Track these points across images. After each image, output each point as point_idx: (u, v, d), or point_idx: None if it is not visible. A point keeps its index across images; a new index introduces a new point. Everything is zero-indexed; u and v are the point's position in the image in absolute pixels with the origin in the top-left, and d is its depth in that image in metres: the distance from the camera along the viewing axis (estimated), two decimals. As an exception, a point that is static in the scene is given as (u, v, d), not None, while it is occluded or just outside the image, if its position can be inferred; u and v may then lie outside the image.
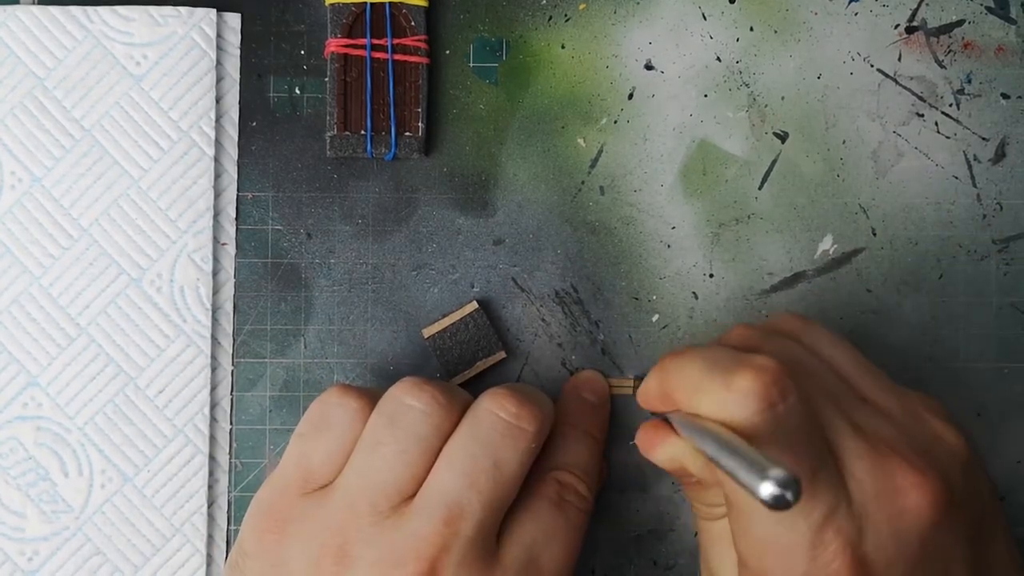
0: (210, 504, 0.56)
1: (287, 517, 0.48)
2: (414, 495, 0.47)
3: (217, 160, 0.56)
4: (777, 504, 0.37)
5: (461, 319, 0.56)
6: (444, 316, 0.56)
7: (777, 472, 0.37)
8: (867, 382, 0.49)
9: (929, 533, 0.44)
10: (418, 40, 0.56)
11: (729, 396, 0.43)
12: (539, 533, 0.49)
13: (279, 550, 0.48)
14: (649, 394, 0.49)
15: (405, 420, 0.48)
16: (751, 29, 0.57)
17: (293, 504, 0.48)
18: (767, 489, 0.37)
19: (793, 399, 0.43)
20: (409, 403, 0.48)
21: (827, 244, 0.57)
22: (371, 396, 0.50)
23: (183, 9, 0.55)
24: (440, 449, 0.48)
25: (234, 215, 0.56)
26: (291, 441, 0.50)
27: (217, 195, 0.56)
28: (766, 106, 0.57)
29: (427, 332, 0.56)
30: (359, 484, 0.47)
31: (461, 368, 0.56)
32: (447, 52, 0.57)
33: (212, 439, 0.56)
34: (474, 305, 0.56)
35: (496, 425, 0.48)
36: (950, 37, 0.57)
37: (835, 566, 0.43)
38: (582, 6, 0.57)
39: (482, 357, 0.56)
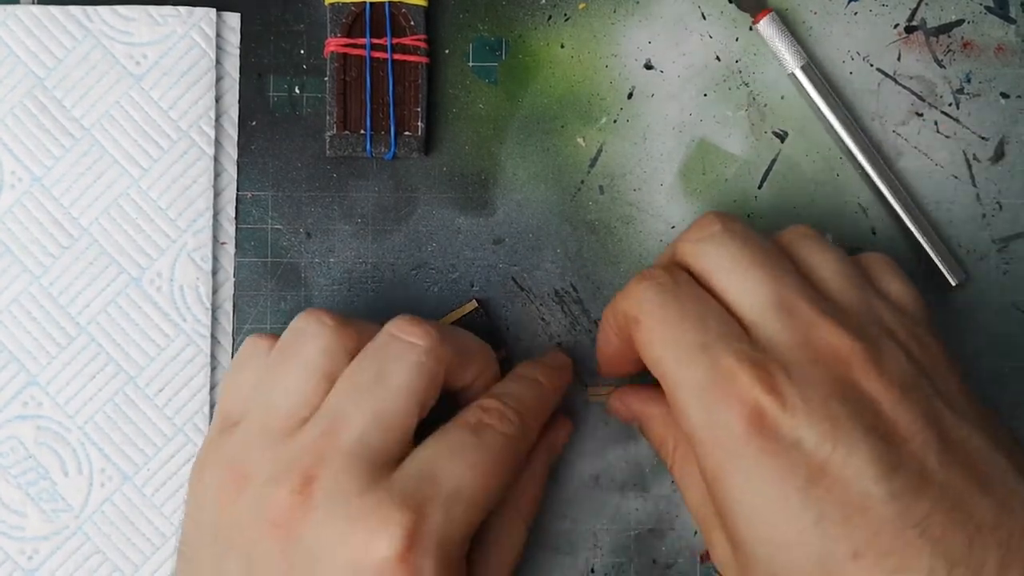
0: (210, 503, 0.56)
1: (202, 460, 0.49)
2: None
3: (217, 159, 0.56)
4: None
5: (460, 318, 0.56)
6: (444, 315, 0.56)
7: None
8: (828, 270, 0.48)
9: (848, 381, 0.43)
10: (417, 40, 0.56)
11: (629, 291, 0.48)
12: (442, 451, 0.47)
13: (197, 492, 0.48)
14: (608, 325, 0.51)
15: (296, 344, 0.49)
16: (750, 28, 0.57)
17: (209, 447, 0.49)
18: None
19: (682, 277, 0.47)
20: (299, 327, 0.49)
21: (827, 243, 0.57)
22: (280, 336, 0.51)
23: (183, 9, 0.55)
24: (337, 374, 0.48)
25: (234, 214, 0.56)
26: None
27: (217, 194, 0.56)
28: (765, 105, 0.57)
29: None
30: (257, 412, 0.48)
31: None
32: (446, 52, 0.57)
33: (212, 438, 0.56)
34: (473, 304, 0.56)
35: (385, 340, 0.48)
36: (949, 37, 0.57)
37: (743, 385, 0.43)
38: (582, 5, 0.57)
39: None
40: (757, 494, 0.43)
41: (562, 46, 0.57)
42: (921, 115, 0.57)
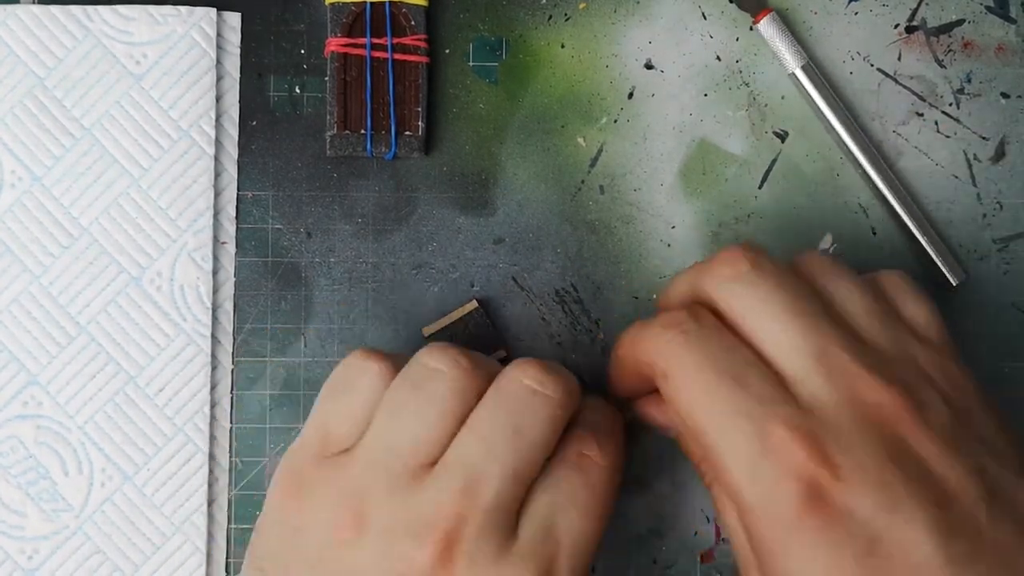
0: (210, 503, 0.56)
1: (305, 482, 0.47)
2: (435, 463, 0.46)
3: (217, 159, 0.56)
4: None
5: (460, 318, 0.56)
6: (444, 315, 0.56)
7: None
8: (859, 309, 0.47)
9: (895, 439, 0.43)
10: (418, 39, 0.56)
11: (651, 338, 0.47)
12: (558, 501, 0.46)
13: (298, 515, 0.47)
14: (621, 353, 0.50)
15: (426, 383, 0.47)
16: (751, 28, 0.57)
17: (312, 469, 0.47)
18: None
19: (708, 321, 0.46)
20: (432, 366, 0.47)
21: (826, 243, 0.57)
22: (394, 360, 0.49)
23: (183, 8, 0.55)
24: (464, 416, 0.47)
25: (234, 214, 0.56)
26: (314, 406, 0.49)
27: (217, 194, 0.56)
28: (766, 105, 0.57)
29: (427, 331, 0.56)
30: (378, 448, 0.46)
31: None
32: (447, 51, 0.57)
33: (212, 438, 0.56)
34: (474, 304, 0.56)
35: (520, 392, 0.47)
36: (950, 36, 0.57)
37: (794, 458, 0.42)
38: (582, 5, 0.57)
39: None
40: (813, 566, 0.42)
41: (562, 46, 0.57)
42: (921, 115, 0.57)
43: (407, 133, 0.55)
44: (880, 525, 0.41)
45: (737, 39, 0.57)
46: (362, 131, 0.55)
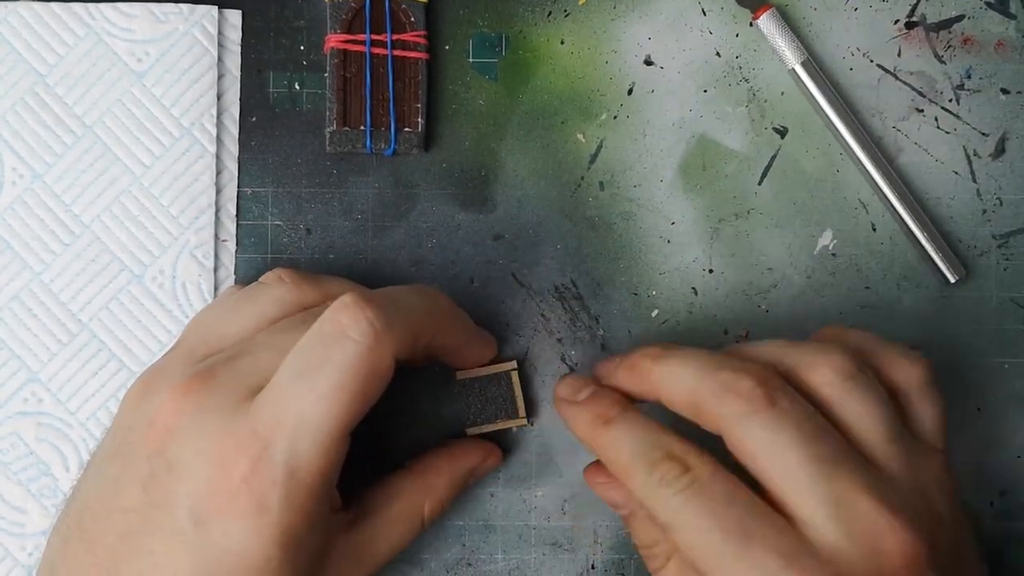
0: (210, 499, 0.56)
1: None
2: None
3: (218, 156, 0.56)
4: None
5: (495, 374, 0.55)
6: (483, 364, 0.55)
7: None
8: (875, 434, 0.47)
9: None
10: (417, 36, 0.56)
11: (647, 488, 0.46)
12: (290, 375, 0.45)
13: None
14: (574, 433, 0.51)
15: (253, 293, 0.51)
16: (750, 24, 0.57)
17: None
18: None
19: (705, 472, 0.45)
20: (260, 281, 0.52)
21: (827, 239, 0.57)
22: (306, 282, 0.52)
23: (184, 6, 0.56)
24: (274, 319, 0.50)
25: (234, 212, 0.56)
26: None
27: (218, 192, 0.56)
28: (766, 101, 0.57)
29: (459, 375, 0.55)
30: (191, 339, 0.51)
31: (481, 420, 0.55)
32: (446, 48, 0.57)
33: (212, 434, 0.56)
34: (513, 364, 0.55)
35: (328, 331, 0.46)
36: (950, 32, 0.57)
37: None
38: (582, 1, 0.57)
39: (503, 417, 0.55)
40: None
41: (562, 42, 0.57)
42: (921, 111, 0.57)
43: (407, 129, 0.56)
44: None
45: (737, 35, 0.57)
46: (362, 127, 0.55)
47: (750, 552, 0.43)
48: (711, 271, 0.57)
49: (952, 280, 0.56)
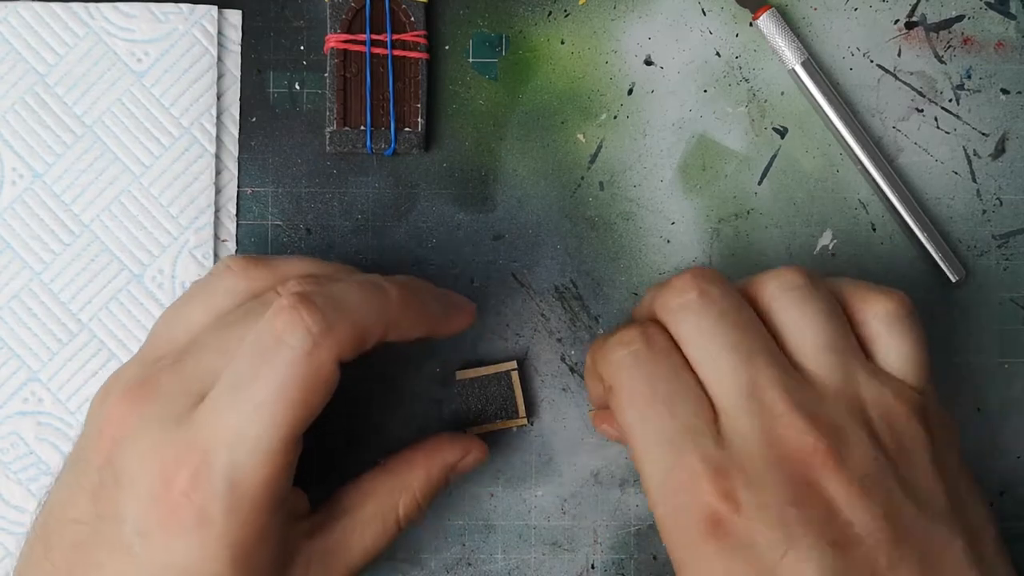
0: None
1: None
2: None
3: (218, 156, 0.56)
4: None
5: (496, 373, 0.55)
6: (482, 365, 0.55)
7: None
8: (807, 341, 0.47)
9: (805, 481, 0.44)
10: (417, 35, 0.56)
11: (603, 353, 0.48)
12: (226, 387, 0.44)
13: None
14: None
15: (203, 284, 0.50)
16: (750, 24, 0.57)
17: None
18: None
19: (659, 343, 0.47)
20: (211, 269, 0.51)
21: (826, 239, 0.57)
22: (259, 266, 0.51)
23: (184, 6, 0.56)
24: (225, 311, 0.48)
25: (234, 212, 0.56)
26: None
27: (217, 192, 0.56)
28: (765, 101, 0.57)
29: (460, 375, 0.55)
30: (150, 340, 0.49)
31: (481, 420, 0.55)
32: (446, 47, 0.57)
33: (212, 434, 0.56)
34: (513, 364, 0.55)
35: (265, 338, 0.45)
36: (950, 32, 0.57)
37: (701, 489, 0.44)
38: (582, 1, 0.57)
39: (503, 417, 0.55)
40: None
41: (562, 42, 0.57)
42: (921, 111, 0.57)
43: (407, 129, 0.56)
44: (774, 560, 0.43)
45: (737, 35, 0.57)
46: (362, 127, 0.55)
47: (669, 422, 0.45)
48: (711, 271, 0.57)
49: (952, 280, 0.56)
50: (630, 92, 0.57)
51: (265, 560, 0.45)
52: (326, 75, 0.56)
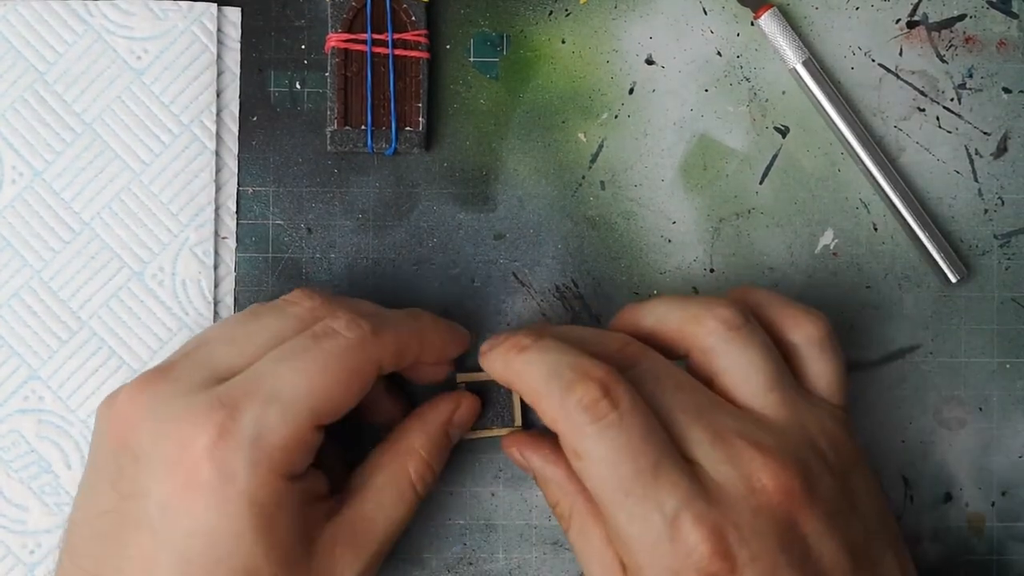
0: (211, 498, 0.56)
1: None
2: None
3: (218, 154, 0.56)
4: None
5: (494, 381, 0.53)
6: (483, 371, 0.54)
7: None
8: (754, 382, 0.48)
9: (787, 523, 0.45)
10: (418, 35, 0.56)
11: (562, 411, 0.46)
12: (273, 356, 0.47)
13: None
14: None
15: (270, 308, 0.50)
16: (752, 24, 0.57)
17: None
18: None
19: (626, 406, 0.45)
20: (287, 299, 0.50)
21: (828, 239, 0.57)
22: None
23: (183, 4, 0.55)
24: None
25: (235, 209, 0.56)
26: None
27: (218, 189, 0.56)
28: (767, 101, 0.57)
29: (460, 378, 0.55)
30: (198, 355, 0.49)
31: (477, 424, 0.54)
32: (447, 47, 0.57)
33: (213, 433, 0.56)
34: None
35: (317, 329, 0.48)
36: (951, 31, 0.57)
37: (699, 554, 0.44)
38: (583, 0, 0.57)
39: (499, 424, 0.55)
40: None
41: (563, 41, 0.57)
42: (923, 110, 0.57)
43: (408, 129, 0.55)
44: None
45: (738, 34, 0.57)
46: (363, 127, 0.55)
47: (655, 491, 0.45)
48: (712, 271, 0.57)
49: (953, 280, 0.56)
50: (631, 91, 0.57)
51: (285, 531, 0.46)
52: (327, 74, 0.56)
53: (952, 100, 0.57)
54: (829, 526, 0.45)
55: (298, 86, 0.56)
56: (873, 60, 0.57)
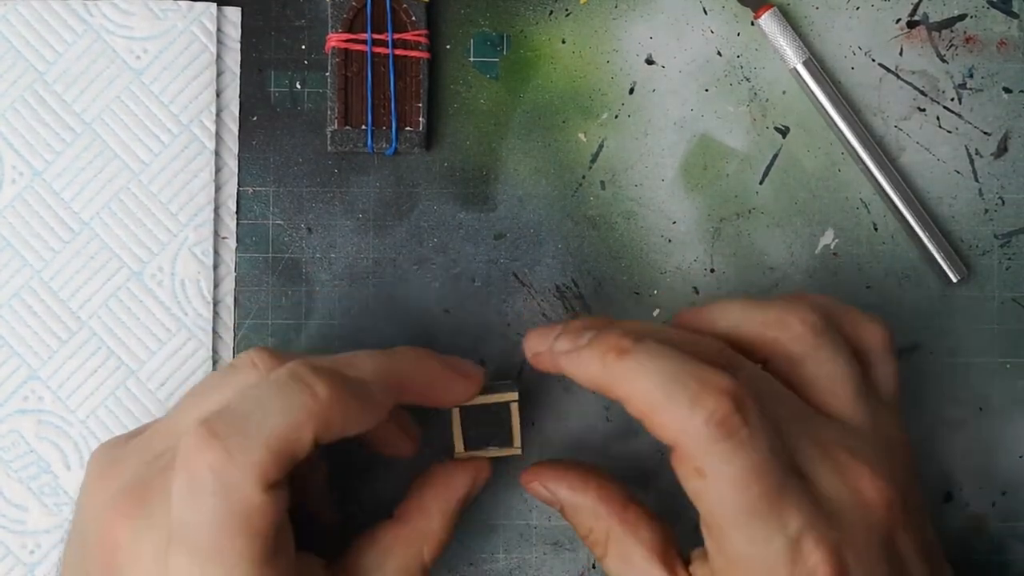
0: (211, 498, 0.56)
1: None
2: None
3: (217, 154, 0.56)
4: None
5: (495, 403, 0.52)
6: (483, 393, 0.52)
7: None
8: (844, 390, 0.47)
9: (889, 538, 0.44)
10: (418, 35, 0.55)
11: (692, 423, 0.42)
12: (244, 403, 0.43)
13: None
14: (581, 379, 0.46)
15: (226, 375, 0.47)
16: (752, 24, 0.57)
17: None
18: None
19: (755, 422, 0.42)
20: (233, 363, 0.47)
21: (828, 239, 0.57)
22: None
23: (183, 3, 0.55)
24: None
25: (235, 209, 0.56)
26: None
27: (217, 189, 0.56)
28: (767, 100, 0.57)
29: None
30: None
31: (476, 442, 0.52)
32: (448, 47, 0.57)
33: (213, 433, 0.56)
34: (515, 396, 0.52)
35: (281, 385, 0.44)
36: (952, 31, 0.57)
37: (817, 570, 0.43)
38: (583, 0, 0.57)
39: (497, 446, 0.52)
40: None
41: (563, 41, 0.57)
42: (923, 110, 0.57)
43: (408, 129, 0.55)
44: None
45: (738, 34, 0.57)
46: (363, 127, 0.55)
47: (779, 511, 0.42)
48: (712, 270, 0.57)
49: (954, 280, 0.56)
50: (631, 91, 0.57)
51: None
52: (327, 74, 0.56)
53: (952, 100, 0.57)
54: (914, 538, 0.45)
55: (298, 86, 0.56)
56: (873, 60, 0.57)
